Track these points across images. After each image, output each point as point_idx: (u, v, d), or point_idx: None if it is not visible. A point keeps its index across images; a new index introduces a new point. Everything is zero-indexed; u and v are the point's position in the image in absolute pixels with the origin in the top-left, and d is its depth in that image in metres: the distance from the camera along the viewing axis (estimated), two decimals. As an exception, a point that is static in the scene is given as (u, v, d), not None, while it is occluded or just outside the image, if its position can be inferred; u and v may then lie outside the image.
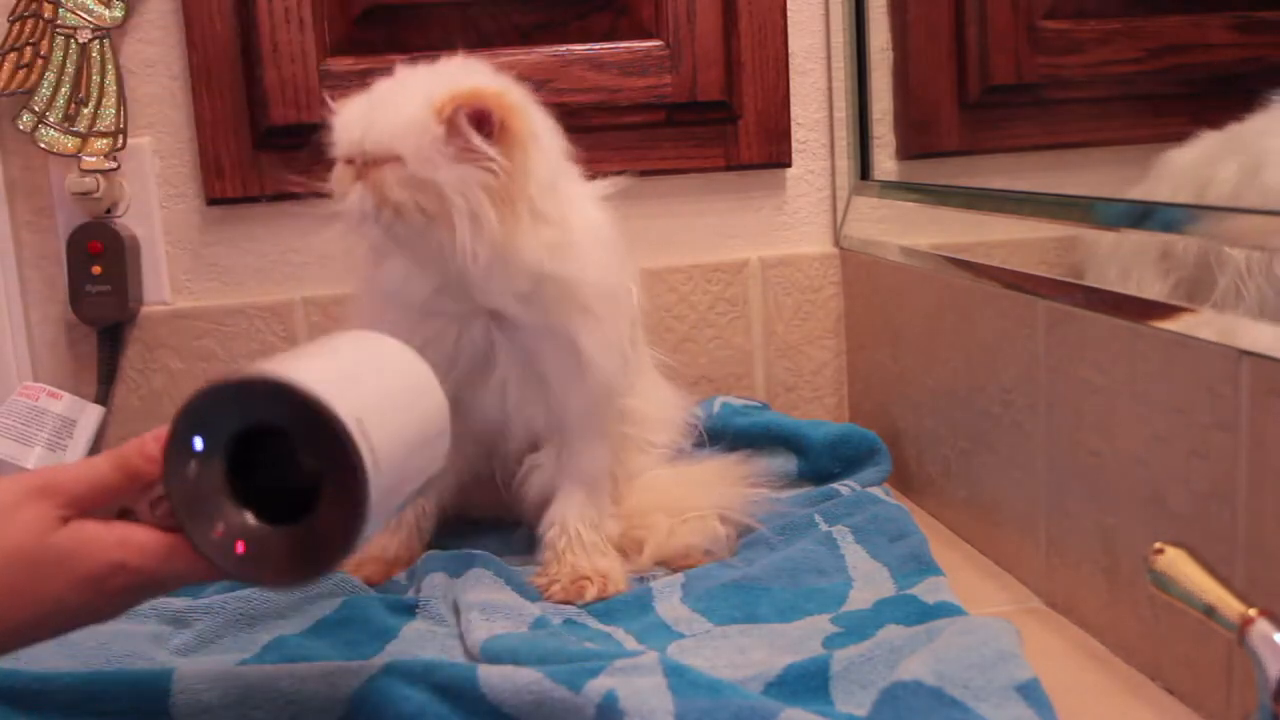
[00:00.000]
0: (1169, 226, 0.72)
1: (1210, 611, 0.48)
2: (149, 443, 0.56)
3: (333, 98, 0.85)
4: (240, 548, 0.54)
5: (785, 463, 1.08)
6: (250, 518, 0.55)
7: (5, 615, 0.54)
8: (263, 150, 1.19)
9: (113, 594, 0.55)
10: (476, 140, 0.79)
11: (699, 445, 1.06)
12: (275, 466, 0.55)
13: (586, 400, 0.88)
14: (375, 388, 0.58)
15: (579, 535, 0.88)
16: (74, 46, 1.15)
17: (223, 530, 0.54)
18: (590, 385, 0.87)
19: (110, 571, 0.55)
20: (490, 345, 0.87)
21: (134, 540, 0.55)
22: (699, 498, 0.94)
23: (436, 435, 0.62)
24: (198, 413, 0.53)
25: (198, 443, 0.53)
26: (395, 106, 0.81)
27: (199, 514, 0.54)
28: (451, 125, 0.79)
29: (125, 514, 0.57)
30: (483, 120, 0.79)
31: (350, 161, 0.82)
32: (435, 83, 0.82)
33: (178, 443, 0.53)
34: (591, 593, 0.84)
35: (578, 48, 1.20)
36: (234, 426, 0.54)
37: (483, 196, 0.79)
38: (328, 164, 0.84)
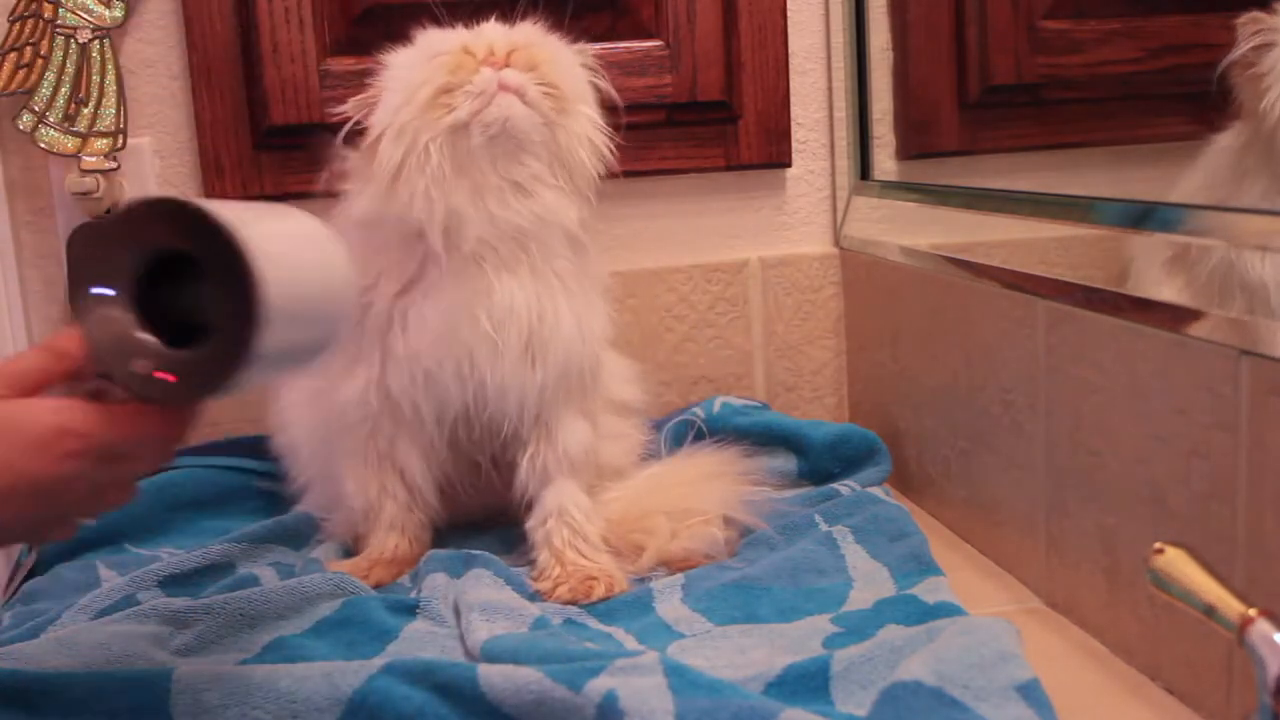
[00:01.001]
0: (1169, 227, 0.72)
1: (1210, 611, 0.48)
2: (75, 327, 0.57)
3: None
4: (167, 377, 0.56)
5: (785, 463, 1.08)
6: (162, 346, 0.56)
7: None
8: (263, 150, 1.18)
9: (63, 459, 0.55)
10: (604, 82, 0.88)
11: (699, 439, 1.06)
12: (180, 299, 0.56)
13: (565, 364, 0.88)
14: (279, 230, 0.59)
15: (576, 529, 0.88)
16: (74, 46, 1.15)
17: (145, 366, 0.56)
18: (566, 345, 0.87)
19: (54, 434, 0.55)
20: (478, 292, 0.86)
21: (71, 404, 0.56)
22: (701, 500, 0.94)
23: (340, 291, 0.63)
24: (90, 260, 0.55)
25: (105, 290, 0.55)
26: (509, 28, 0.88)
27: (120, 357, 0.56)
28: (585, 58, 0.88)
29: None
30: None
31: (464, 53, 0.84)
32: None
33: (82, 292, 0.55)
34: (599, 592, 0.84)
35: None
36: (130, 260, 0.55)
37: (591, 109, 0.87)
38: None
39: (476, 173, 0.84)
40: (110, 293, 0.55)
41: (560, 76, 0.86)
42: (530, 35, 0.88)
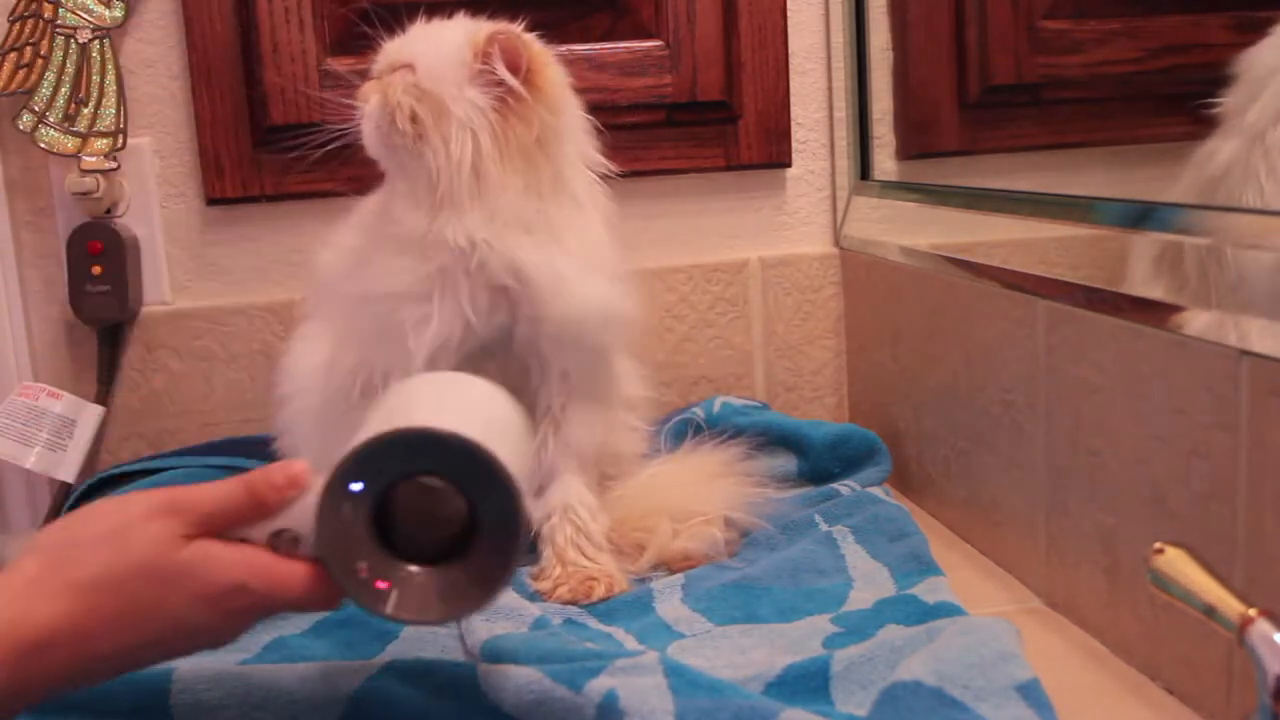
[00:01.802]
0: (1169, 226, 0.72)
1: (1210, 611, 0.48)
2: (275, 473, 0.57)
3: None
4: (382, 585, 0.57)
5: (785, 463, 1.08)
6: (403, 564, 0.57)
7: (126, 628, 0.54)
8: (263, 150, 1.19)
9: (231, 614, 0.56)
10: (502, 70, 0.83)
11: (699, 439, 1.06)
12: (406, 513, 0.58)
13: (579, 356, 0.88)
14: (506, 434, 0.61)
15: (580, 527, 0.87)
16: (74, 46, 1.15)
17: (366, 570, 0.57)
18: (580, 307, 0.86)
19: (232, 591, 0.55)
20: (487, 300, 0.86)
21: (258, 563, 0.56)
22: (702, 500, 0.94)
23: (531, 464, 0.68)
24: (362, 459, 0.56)
25: (356, 486, 0.56)
26: (430, 33, 0.87)
27: (343, 552, 0.56)
28: (484, 55, 0.83)
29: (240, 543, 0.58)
30: (514, 59, 0.83)
31: (377, 77, 0.87)
32: (477, 25, 0.87)
33: (338, 484, 0.56)
34: (599, 592, 0.84)
35: (577, 48, 1.20)
36: (392, 475, 0.57)
37: (485, 124, 0.82)
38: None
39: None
40: (361, 489, 0.56)
41: (397, 94, 0.86)
42: (409, 45, 0.89)
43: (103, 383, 1.19)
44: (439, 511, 0.58)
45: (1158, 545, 0.51)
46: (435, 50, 0.85)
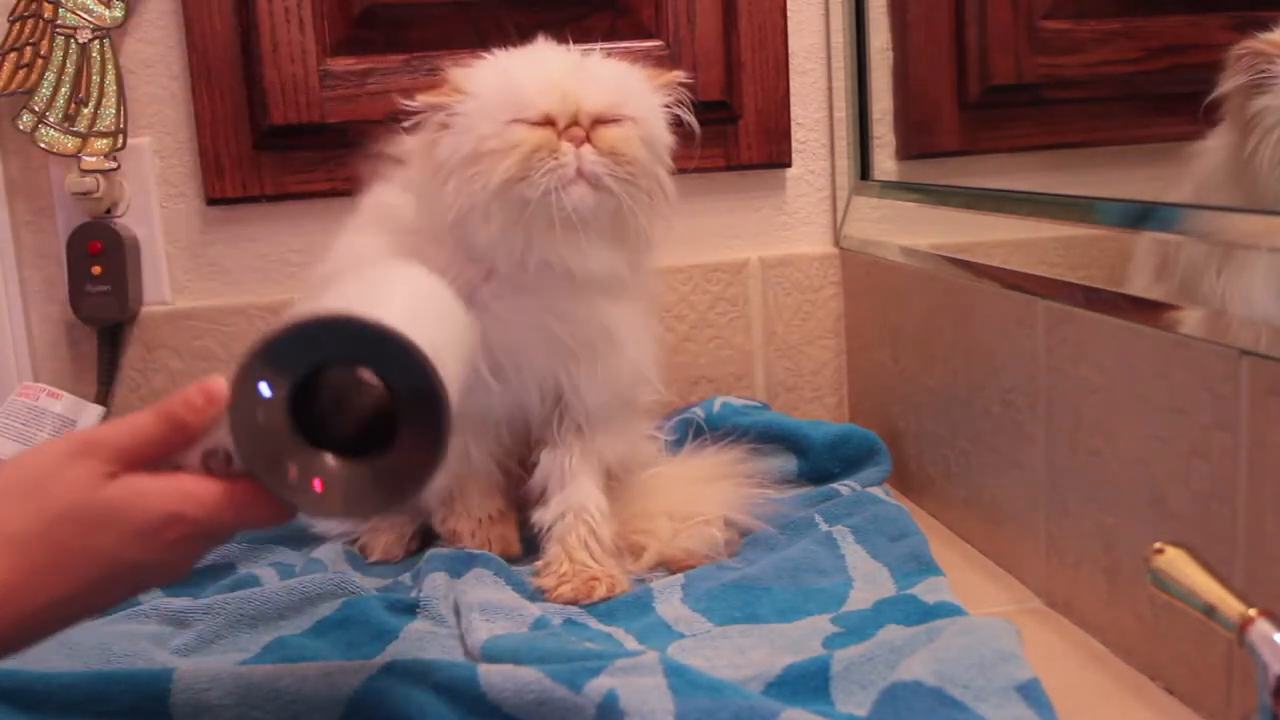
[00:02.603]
0: (1169, 227, 0.72)
1: (1210, 611, 0.48)
2: (193, 393, 0.55)
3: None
4: (318, 485, 0.55)
5: (785, 463, 1.08)
6: (329, 458, 0.55)
7: (61, 578, 0.52)
8: (263, 150, 1.19)
9: (171, 546, 0.54)
10: (686, 113, 0.84)
11: (699, 439, 1.06)
12: (326, 407, 0.56)
13: (619, 385, 0.88)
14: (432, 319, 0.59)
15: (593, 529, 0.87)
16: (74, 46, 1.15)
17: (296, 471, 0.54)
18: (625, 369, 0.88)
19: (166, 522, 0.53)
20: (540, 320, 0.86)
21: (189, 489, 0.54)
22: (703, 501, 0.94)
23: (470, 355, 0.64)
24: (263, 357, 0.53)
25: (264, 388, 0.54)
26: (596, 73, 0.83)
27: (270, 458, 0.54)
28: (674, 94, 0.84)
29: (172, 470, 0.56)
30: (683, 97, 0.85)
31: (544, 124, 0.80)
32: (594, 57, 0.85)
33: (245, 389, 0.53)
34: (600, 592, 0.84)
35: (585, 46, 1.20)
36: (301, 368, 0.54)
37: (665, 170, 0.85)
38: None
39: (534, 229, 0.82)
40: (269, 394, 0.54)
41: (639, 149, 0.83)
42: (617, 90, 0.83)
43: (103, 383, 1.19)
44: (360, 401, 0.55)
45: (1158, 545, 0.51)
46: (641, 97, 0.84)
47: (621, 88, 0.83)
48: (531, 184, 0.80)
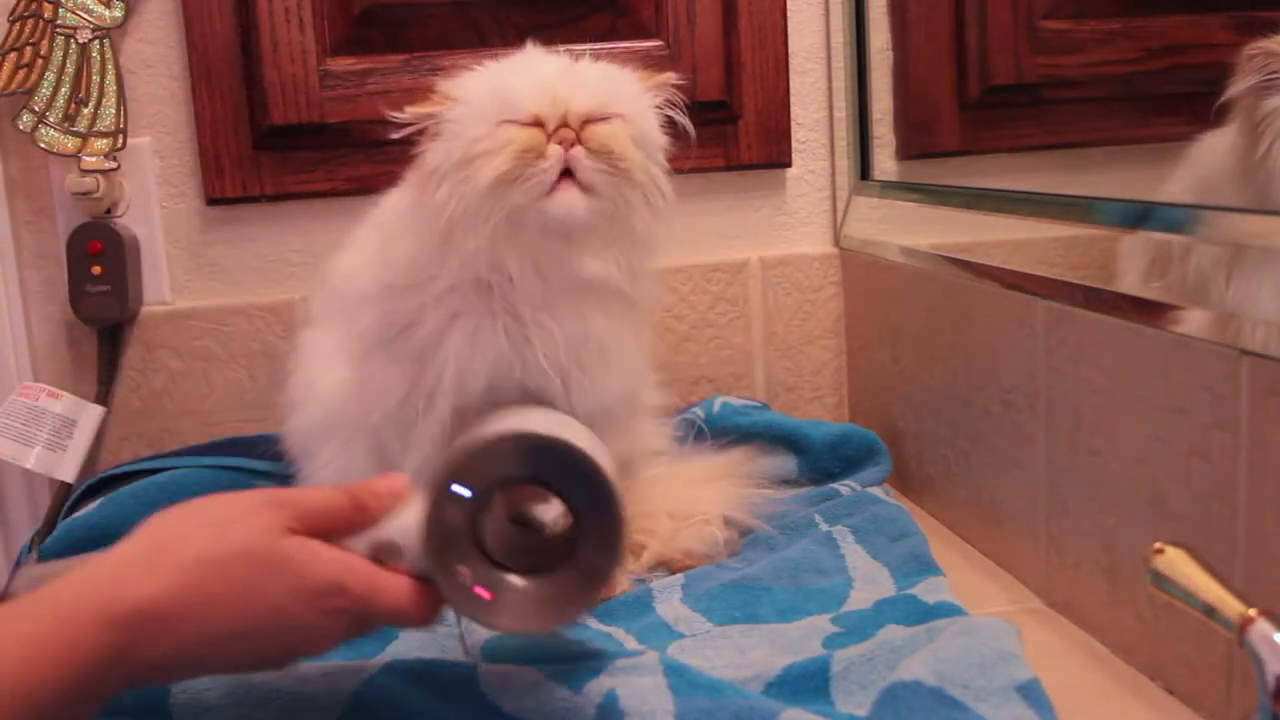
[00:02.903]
0: (1169, 226, 0.72)
1: (1210, 611, 0.48)
2: (379, 484, 0.59)
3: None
4: (485, 593, 0.57)
5: (785, 463, 1.08)
6: (507, 574, 0.58)
7: (226, 611, 0.54)
8: (263, 150, 1.19)
9: (329, 614, 0.56)
10: (679, 114, 0.83)
11: (699, 439, 1.06)
12: (505, 527, 0.59)
13: (608, 397, 0.87)
14: (600, 449, 0.62)
15: None
16: (74, 46, 1.15)
17: (469, 575, 0.57)
18: (615, 382, 0.86)
19: (330, 589, 0.55)
20: (537, 330, 0.84)
21: (356, 565, 0.57)
22: (704, 500, 0.94)
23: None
24: (468, 461, 0.57)
25: (461, 490, 0.57)
26: (586, 75, 0.82)
27: (447, 555, 0.57)
28: (666, 95, 0.83)
29: None
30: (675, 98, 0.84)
31: (534, 124, 0.79)
32: (584, 60, 0.84)
33: (444, 485, 0.57)
34: None
35: (577, 48, 1.19)
36: (496, 479, 0.57)
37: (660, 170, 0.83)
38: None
39: (527, 237, 0.81)
40: (467, 495, 0.57)
41: (631, 149, 0.81)
42: (605, 90, 0.82)
43: (103, 383, 1.19)
44: (535, 522, 0.58)
45: (1158, 545, 0.51)
46: (631, 97, 0.83)
47: (611, 88, 0.82)
48: (519, 188, 0.78)
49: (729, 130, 1.24)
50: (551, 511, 0.58)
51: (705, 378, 1.27)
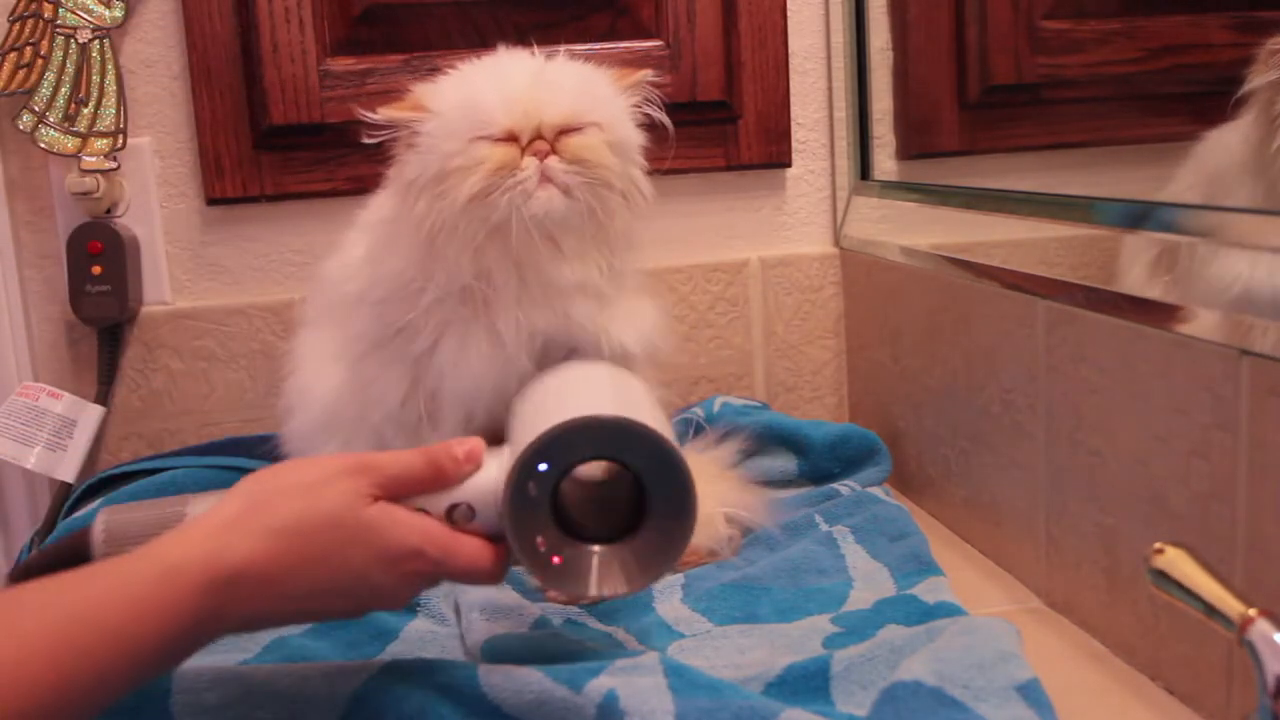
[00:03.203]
0: (1169, 227, 0.72)
1: (1210, 611, 0.48)
2: (455, 447, 0.62)
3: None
4: (557, 560, 0.61)
5: (785, 463, 1.08)
6: (585, 544, 0.62)
7: (312, 573, 0.57)
8: (263, 150, 1.19)
9: (405, 576, 0.60)
10: (657, 111, 0.82)
11: (698, 435, 1.06)
12: (579, 499, 0.63)
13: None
14: (666, 424, 0.65)
15: None
16: (74, 46, 1.15)
17: (544, 543, 0.61)
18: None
19: (409, 554, 0.59)
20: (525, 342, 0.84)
21: (433, 530, 0.60)
22: (703, 500, 0.94)
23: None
24: (553, 441, 0.60)
25: (543, 466, 0.60)
26: (559, 81, 0.81)
27: (526, 525, 0.60)
28: (642, 94, 0.83)
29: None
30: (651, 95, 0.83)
31: (507, 139, 0.78)
32: (557, 62, 0.83)
33: (529, 462, 0.60)
34: None
35: (577, 47, 1.18)
36: (576, 458, 0.61)
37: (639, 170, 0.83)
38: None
39: (508, 241, 0.80)
40: (546, 469, 0.60)
41: (607, 156, 0.80)
42: (579, 97, 0.81)
43: (103, 383, 1.19)
44: (607, 496, 0.63)
45: (1158, 545, 0.51)
46: (605, 100, 0.82)
47: (585, 94, 0.81)
48: (496, 203, 0.78)
49: (729, 130, 1.24)
50: (617, 489, 0.62)
51: (705, 378, 1.27)
